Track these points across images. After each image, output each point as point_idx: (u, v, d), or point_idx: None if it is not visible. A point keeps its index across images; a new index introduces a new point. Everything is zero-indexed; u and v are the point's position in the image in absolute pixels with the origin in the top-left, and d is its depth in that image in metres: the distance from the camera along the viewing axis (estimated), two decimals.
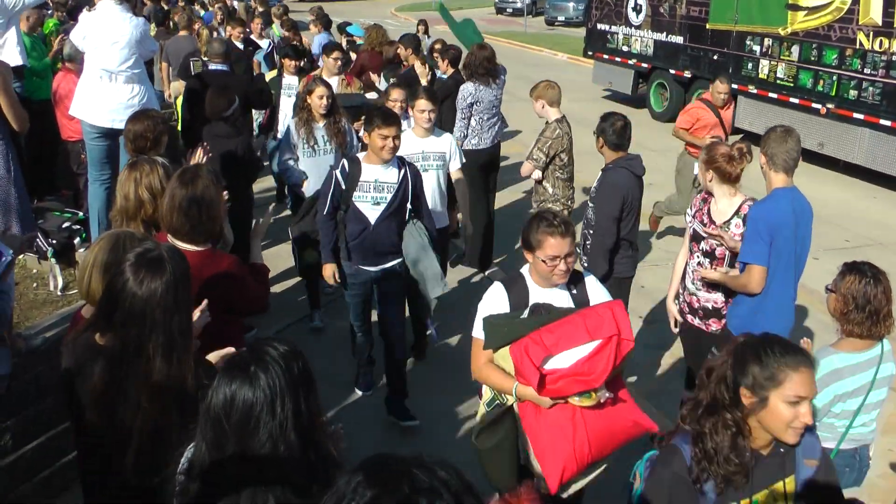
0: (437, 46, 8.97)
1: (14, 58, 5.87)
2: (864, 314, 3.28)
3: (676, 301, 4.64)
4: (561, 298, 3.40)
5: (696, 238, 4.36)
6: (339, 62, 7.82)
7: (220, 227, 3.35)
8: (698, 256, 4.33)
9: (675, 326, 4.69)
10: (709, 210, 4.35)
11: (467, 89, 7.11)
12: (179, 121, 8.56)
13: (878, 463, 4.78)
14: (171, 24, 12.77)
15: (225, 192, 3.56)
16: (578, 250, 4.18)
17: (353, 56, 10.18)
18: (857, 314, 3.29)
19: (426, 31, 13.15)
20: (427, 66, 8.42)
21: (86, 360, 2.39)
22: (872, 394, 3.35)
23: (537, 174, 5.94)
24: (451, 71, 8.02)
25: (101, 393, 2.35)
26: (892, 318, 3.36)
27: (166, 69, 10.39)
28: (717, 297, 4.30)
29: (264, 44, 10.89)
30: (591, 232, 4.92)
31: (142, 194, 3.50)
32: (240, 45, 9.98)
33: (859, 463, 3.46)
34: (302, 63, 8.55)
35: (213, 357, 2.68)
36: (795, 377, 2.26)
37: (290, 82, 8.23)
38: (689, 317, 4.46)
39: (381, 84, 8.76)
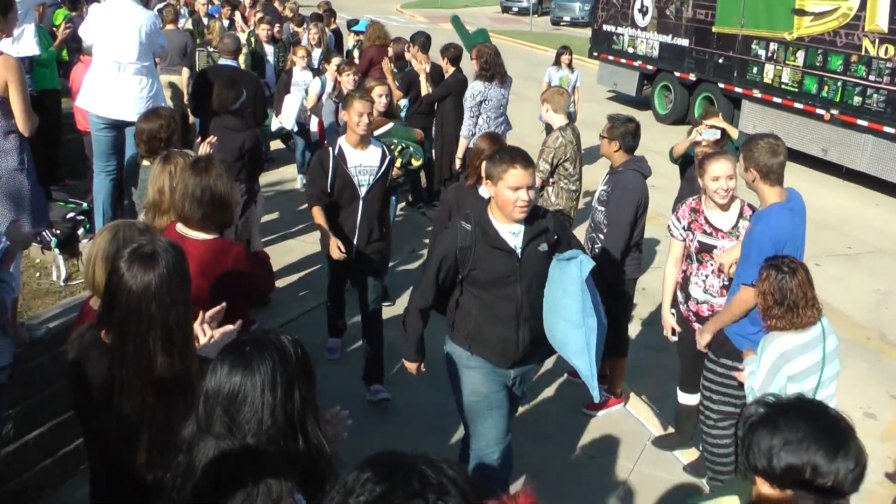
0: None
1: (32, 48, 5.87)
2: (784, 308, 3.41)
3: (674, 311, 4.62)
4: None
5: (705, 248, 4.34)
6: None
7: (231, 217, 3.37)
8: (711, 265, 4.32)
9: (673, 335, 4.67)
10: (706, 219, 4.34)
11: (477, 87, 7.09)
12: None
13: (876, 470, 4.79)
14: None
15: (241, 185, 3.59)
16: (587, 252, 4.12)
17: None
18: (777, 309, 3.42)
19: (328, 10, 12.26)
20: (428, 59, 8.35)
21: (92, 358, 2.40)
22: (826, 369, 3.48)
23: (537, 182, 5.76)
24: (451, 69, 7.93)
25: (107, 391, 2.36)
26: (815, 308, 3.46)
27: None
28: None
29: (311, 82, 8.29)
30: (602, 236, 4.84)
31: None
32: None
33: None
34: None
35: (216, 333, 2.69)
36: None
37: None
38: (697, 325, 4.43)
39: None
